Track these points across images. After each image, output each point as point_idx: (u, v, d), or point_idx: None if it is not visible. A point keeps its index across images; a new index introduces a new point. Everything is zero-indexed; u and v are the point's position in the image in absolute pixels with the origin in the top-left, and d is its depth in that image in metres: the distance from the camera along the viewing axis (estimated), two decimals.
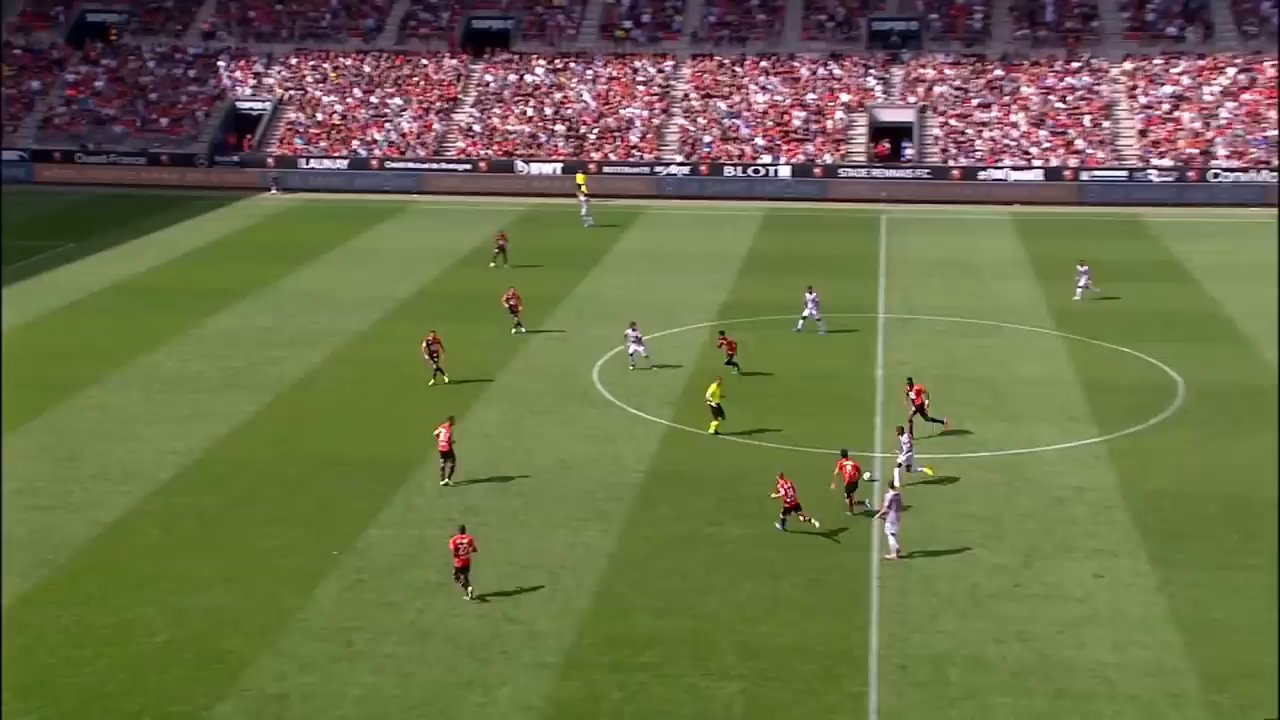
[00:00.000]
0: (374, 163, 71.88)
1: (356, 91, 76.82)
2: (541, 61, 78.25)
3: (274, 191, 70.58)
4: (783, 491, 27.84)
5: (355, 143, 73.25)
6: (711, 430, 33.56)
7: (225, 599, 25.52)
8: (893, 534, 26.77)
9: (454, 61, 78.64)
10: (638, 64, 77.61)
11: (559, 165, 70.85)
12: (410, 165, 71.67)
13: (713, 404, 33.51)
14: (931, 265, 53.33)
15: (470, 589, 25.47)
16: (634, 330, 39.13)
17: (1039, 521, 28.80)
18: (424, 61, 78.83)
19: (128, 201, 67.60)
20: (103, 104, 76.38)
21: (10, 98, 76.42)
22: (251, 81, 77.90)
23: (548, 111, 74.70)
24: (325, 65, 78.85)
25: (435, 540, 27.93)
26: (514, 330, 42.91)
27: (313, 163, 72.16)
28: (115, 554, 27.31)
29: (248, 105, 76.54)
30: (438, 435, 31.02)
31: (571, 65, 77.85)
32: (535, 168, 71.09)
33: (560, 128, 73.55)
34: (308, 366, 39.59)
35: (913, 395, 33.13)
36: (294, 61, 79.22)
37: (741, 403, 34.43)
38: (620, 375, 38.93)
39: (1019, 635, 24.26)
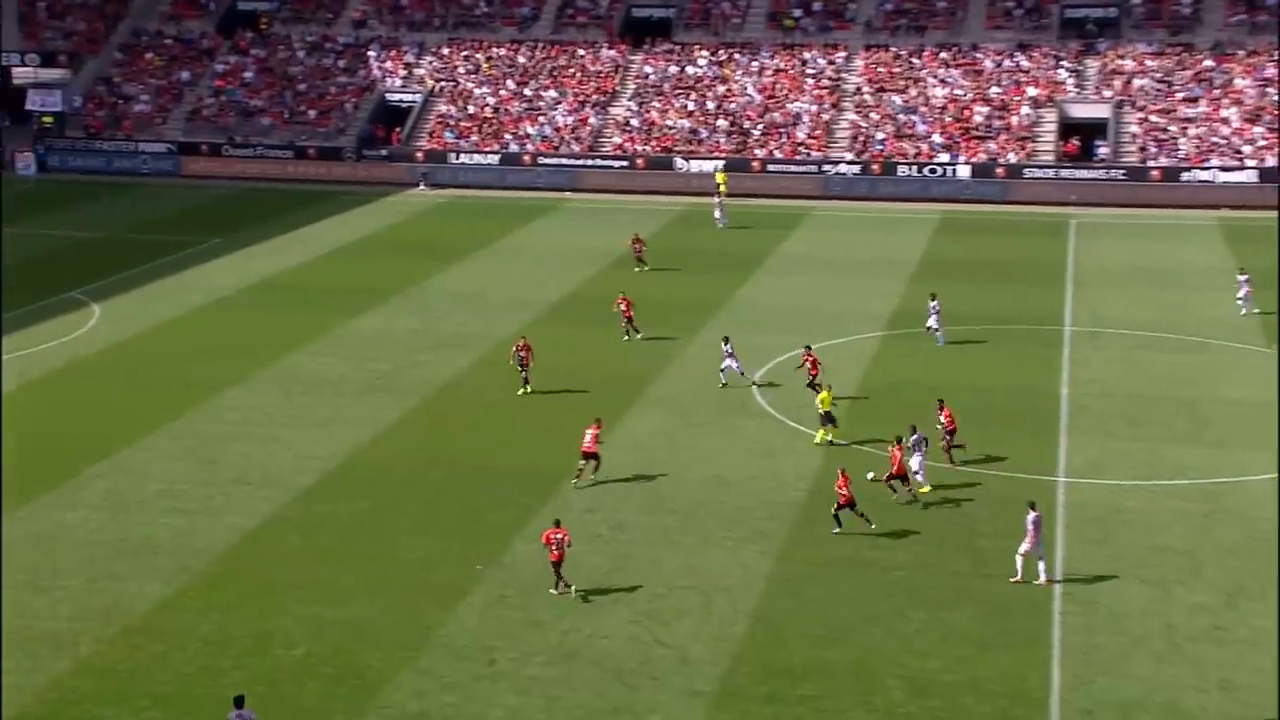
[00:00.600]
0: (526, 158, 72.94)
1: (510, 83, 78.08)
2: (704, 52, 78.38)
3: (422, 187, 72.18)
4: (841, 487, 28.46)
5: (507, 137, 74.45)
6: (819, 439, 33.86)
7: (365, 612, 26.08)
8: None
9: (612, 52, 79.35)
10: (807, 55, 77.18)
11: (720, 163, 70.86)
12: (564, 161, 72.51)
13: (822, 411, 33.89)
14: (1125, 274, 51.77)
15: (569, 585, 26.30)
16: (726, 346, 38.44)
17: (1243, 558, 27.72)
18: (580, 52, 79.73)
19: (274, 196, 69.90)
20: (251, 95, 79.14)
21: (160, 89, 79.76)
22: (402, 72, 79.81)
23: (710, 106, 74.79)
24: (478, 56, 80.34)
25: (582, 556, 28.11)
26: (624, 338, 43.15)
27: (463, 158, 73.58)
28: (255, 561, 28.17)
29: (397, 97, 78.44)
30: (585, 436, 31.72)
31: (736, 56, 77.83)
32: (695, 165, 71.23)
33: (723, 123, 73.56)
34: (455, 370, 40.30)
35: (943, 419, 32.67)
36: (446, 52, 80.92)
37: (916, 419, 33.84)
38: (782, 386, 38.67)
39: (1221, 684, 23.33)
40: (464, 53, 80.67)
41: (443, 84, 78.51)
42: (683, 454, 33.86)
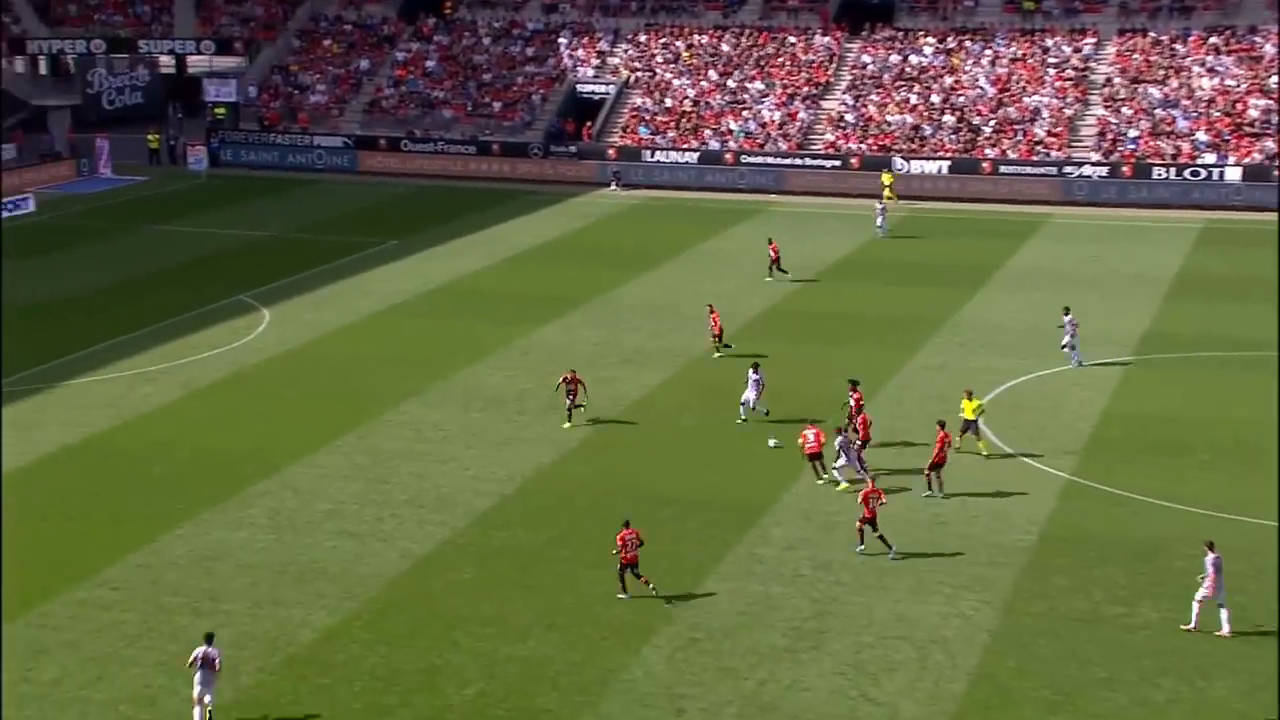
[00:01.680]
0: (728, 156, 73.24)
1: (712, 74, 78.54)
2: (930, 39, 77.57)
3: (614, 187, 73.09)
4: (865, 502, 29.73)
5: (707, 133, 74.88)
6: (963, 447, 34.85)
7: (543, 650, 26.48)
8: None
9: (826, 39, 79.16)
10: (1049, 42, 75.69)
11: (945, 163, 69.96)
12: (769, 160, 72.58)
13: (965, 418, 34.93)
14: None
15: (646, 581, 27.86)
16: (755, 373, 37.18)
17: None
18: (791, 40, 79.76)
19: (454, 195, 71.65)
20: (432, 86, 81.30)
21: (337, 78, 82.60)
22: (594, 62, 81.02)
23: (935, 99, 73.96)
24: (678, 43, 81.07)
25: (783, 599, 28.02)
26: (715, 353, 43.13)
27: (658, 155, 74.29)
28: (426, 591, 28.86)
29: (589, 89, 79.66)
30: (804, 439, 32.70)
31: (967, 44, 76.82)
32: (917, 165, 70.49)
33: (949, 118, 72.62)
34: (643, 389, 40.65)
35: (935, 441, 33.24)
36: (643, 39, 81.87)
37: (1165, 456, 32.79)
38: (1010, 415, 37.93)
39: None
40: (662, 40, 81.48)
41: (638, 74, 79.43)
42: (896, 488, 33.47)
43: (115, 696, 24.90)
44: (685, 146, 74.36)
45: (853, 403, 35.94)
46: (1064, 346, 42.33)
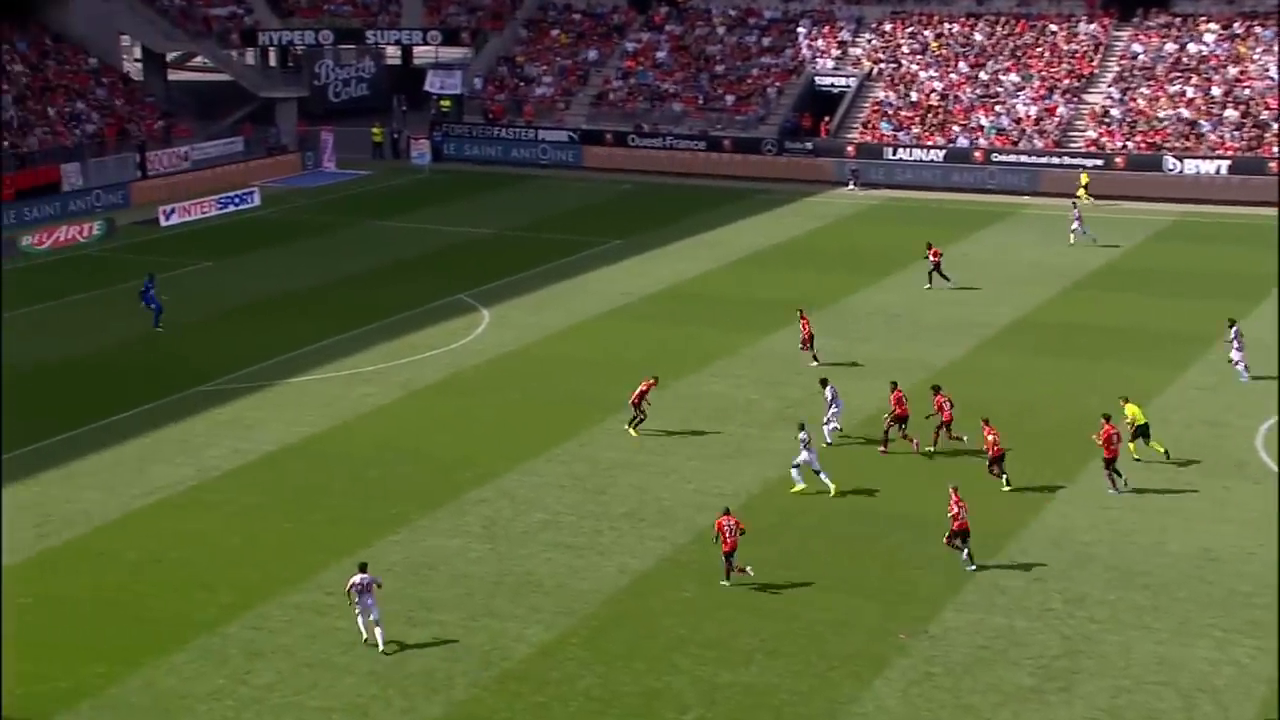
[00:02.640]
0: (978, 154, 71.97)
1: (962, 65, 77.31)
2: (1214, 25, 74.90)
3: (852, 187, 72.52)
4: (955, 511, 30.19)
5: (955, 129, 73.71)
6: (1134, 454, 35.22)
7: (766, 677, 26.35)
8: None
9: (1093, 27, 77.16)
10: None
11: (1225, 163, 67.43)
12: (1023, 159, 71.06)
13: (1136, 424, 35.08)
14: None
15: (742, 569, 29.43)
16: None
17: None
18: (1053, 28, 78.00)
19: (682, 193, 72.04)
20: (663, 78, 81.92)
21: (564, 69, 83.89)
22: (835, 52, 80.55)
23: (1215, 92, 71.33)
24: (926, 32, 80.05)
25: (1030, 634, 27.36)
26: (812, 362, 42.94)
27: (901, 153, 73.43)
28: (645, 609, 29.00)
29: (828, 81, 79.23)
30: (987, 442, 33.23)
31: (1257, 30, 73.88)
32: (1191, 166, 68.09)
33: (1231, 113, 69.95)
34: (878, 401, 40.16)
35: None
36: (888, 28, 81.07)
37: None
38: None
39: None
40: (909, 29, 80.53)
41: (882, 66, 78.66)
42: (1160, 518, 32.43)
43: (328, 705, 25.64)
44: (930, 144, 73.31)
45: (939, 409, 36.77)
46: (1232, 362, 41.14)
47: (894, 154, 73.48)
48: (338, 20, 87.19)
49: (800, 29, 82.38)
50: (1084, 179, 66.28)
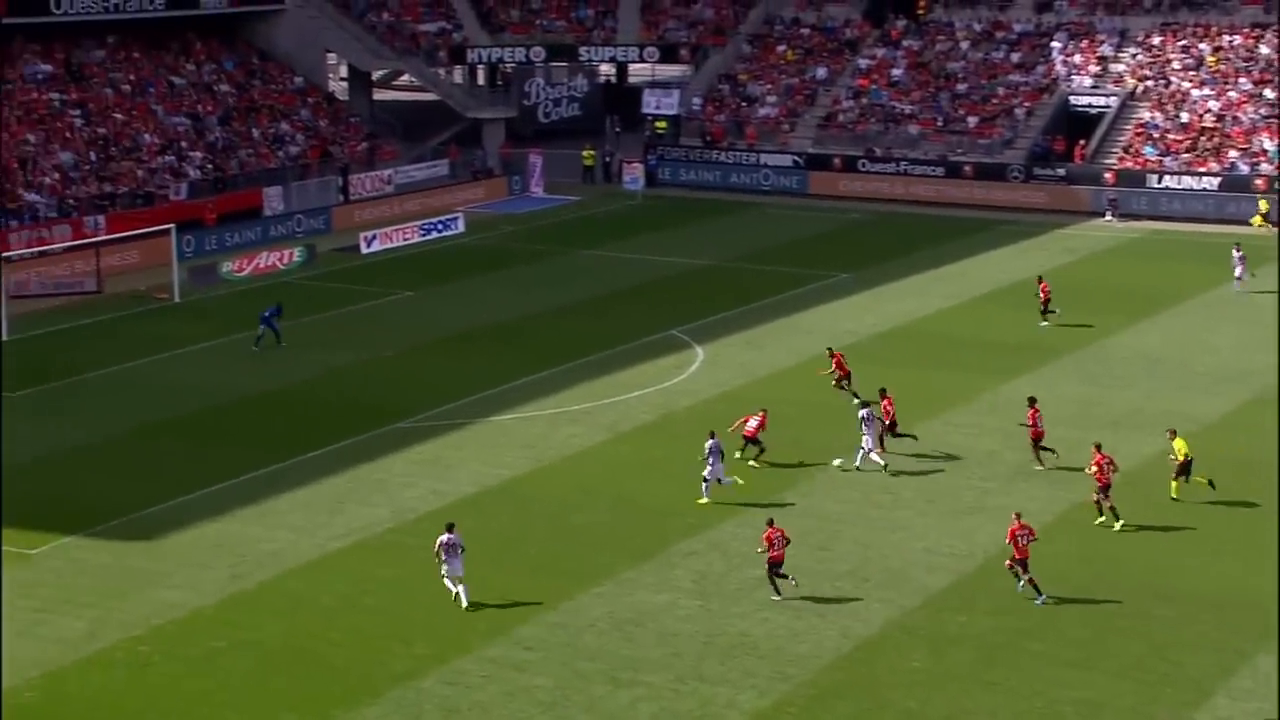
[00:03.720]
0: (1259, 182, 69.86)
1: (1244, 82, 75.18)
2: None
3: (1109, 218, 71.07)
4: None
5: (1232, 155, 71.68)
6: (1173, 494, 36.15)
7: None
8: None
9: None
10: None
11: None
12: None
13: (1179, 459, 36.22)
14: None
15: (790, 580, 31.41)
16: (865, 410, 38.84)
17: None
18: None
19: (917, 223, 71.52)
20: (898, 97, 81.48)
21: (790, 88, 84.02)
22: (1093, 68, 79.17)
23: None
24: (1201, 46, 78.10)
25: None
26: (853, 399, 42.73)
27: (1167, 180, 71.73)
28: (869, 678, 28.75)
29: (1084, 101, 77.93)
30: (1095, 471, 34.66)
31: None
32: None
33: None
34: (1137, 458, 39.22)
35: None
36: (1156, 41, 79.35)
37: None
38: None
39: None
40: (1182, 42, 78.70)
41: (1148, 83, 76.99)
42: None
43: None
44: (1203, 170, 71.44)
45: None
46: None
47: (1159, 182, 71.81)
48: (550, 36, 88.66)
49: (1054, 43, 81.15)
50: (1263, 206, 63.80)
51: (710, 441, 37.35)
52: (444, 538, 31.93)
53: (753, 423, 39.92)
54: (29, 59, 72.95)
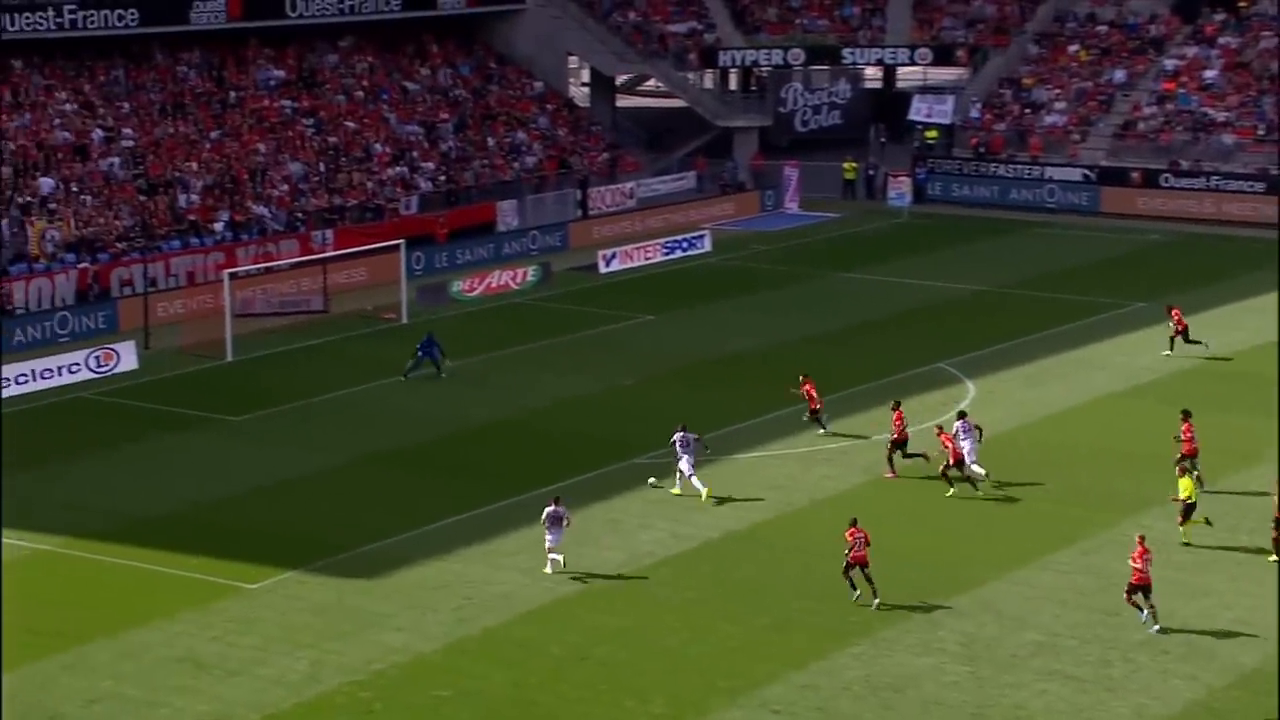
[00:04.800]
0: None
1: None
2: None
3: None
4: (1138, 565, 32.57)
5: None
6: (1183, 538, 36.66)
7: None
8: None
9: None
10: None
11: None
12: None
13: (1185, 501, 36.71)
14: None
15: (872, 593, 33.46)
16: (964, 421, 41.05)
17: None
18: None
19: (1231, 246, 69.57)
20: (1211, 102, 79.16)
21: (1083, 93, 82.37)
22: None
23: None
24: None
25: None
26: (820, 430, 45.14)
27: None
28: None
29: None
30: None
31: None
32: None
33: None
34: None
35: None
36: None
37: None
38: None
39: None
40: None
41: None
42: None
43: None
44: None
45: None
46: None
47: None
48: (810, 37, 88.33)
49: None
50: None
51: (679, 434, 40.68)
52: (549, 509, 35.58)
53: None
54: (262, 64, 75.42)
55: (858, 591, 34.03)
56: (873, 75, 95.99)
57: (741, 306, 61.51)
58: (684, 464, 40.61)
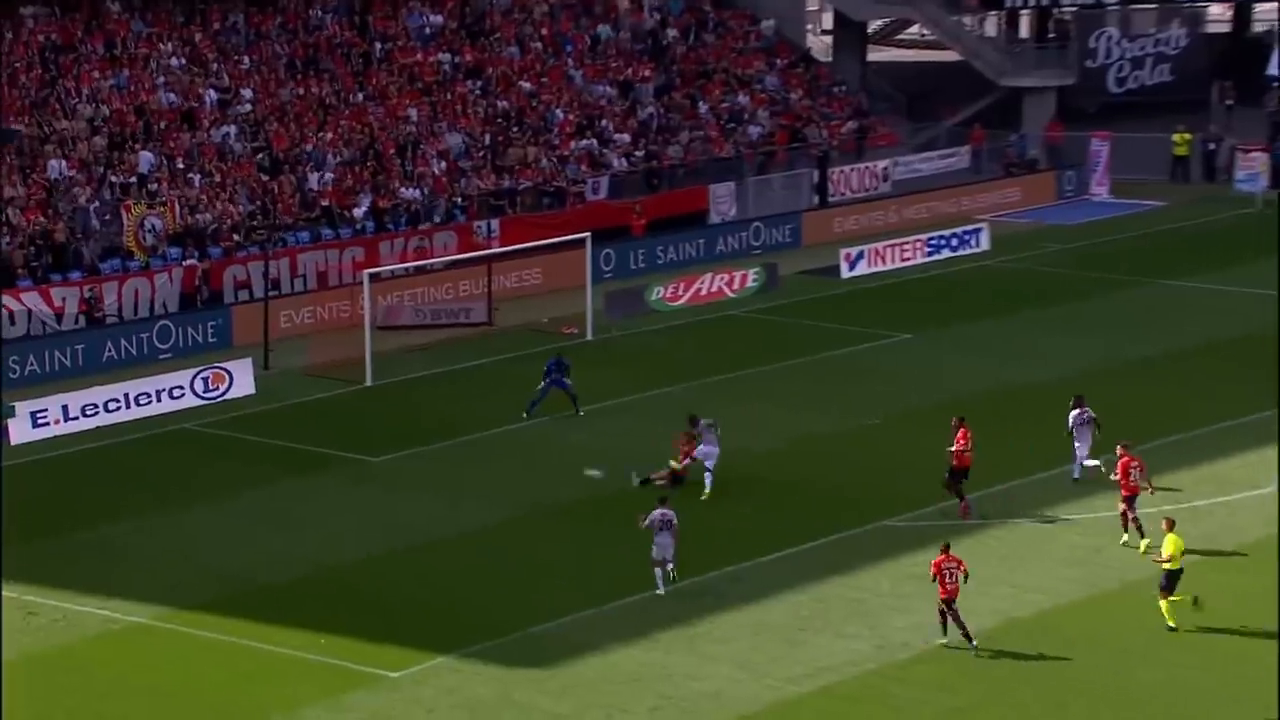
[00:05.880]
0: None
1: None
2: None
3: None
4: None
5: None
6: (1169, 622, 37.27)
7: None
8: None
9: None
10: None
11: None
12: None
13: (1168, 568, 37.59)
14: None
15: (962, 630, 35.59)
16: (1079, 412, 44.59)
17: None
18: None
19: None
20: None
21: None
22: None
23: None
24: None
25: None
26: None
27: None
28: None
29: None
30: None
31: None
32: None
33: None
34: None
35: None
36: None
37: None
38: None
39: None
40: None
41: None
42: None
43: None
44: None
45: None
46: None
47: None
48: None
49: None
50: None
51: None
52: (658, 513, 39.22)
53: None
54: (415, 7, 76.43)
55: (947, 637, 36.54)
56: (1217, 15, 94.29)
57: (1030, 323, 61.03)
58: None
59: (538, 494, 46.16)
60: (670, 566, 39.25)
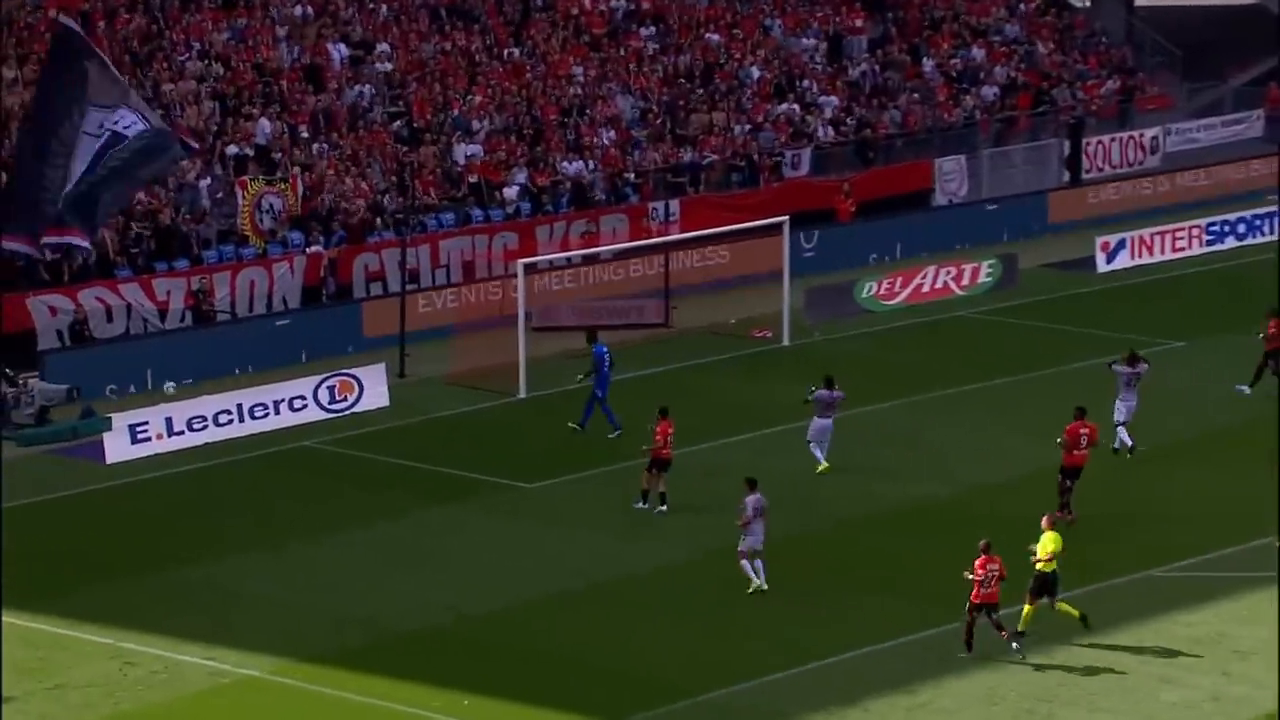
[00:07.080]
0: None
1: None
2: None
3: None
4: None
5: None
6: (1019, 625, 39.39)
7: None
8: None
9: None
10: None
11: None
12: None
13: (1042, 569, 39.83)
14: None
15: (1001, 632, 38.18)
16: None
17: None
18: None
19: None
20: None
21: None
22: None
23: None
24: None
25: None
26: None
27: None
28: None
29: None
30: None
31: None
32: None
33: None
34: None
35: None
36: None
37: None
38: None
39: None
40: None
41: None
42: None
43: None
44: None
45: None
46: None
47: None
48: None
49: None
50: None
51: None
52: (752, 498, 42.27)
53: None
54: None
55: (972, 651, 38.79)
56: None
57: None
58: None
59: (723, 532, 45.36)
60: (760, 564, 42.36)
